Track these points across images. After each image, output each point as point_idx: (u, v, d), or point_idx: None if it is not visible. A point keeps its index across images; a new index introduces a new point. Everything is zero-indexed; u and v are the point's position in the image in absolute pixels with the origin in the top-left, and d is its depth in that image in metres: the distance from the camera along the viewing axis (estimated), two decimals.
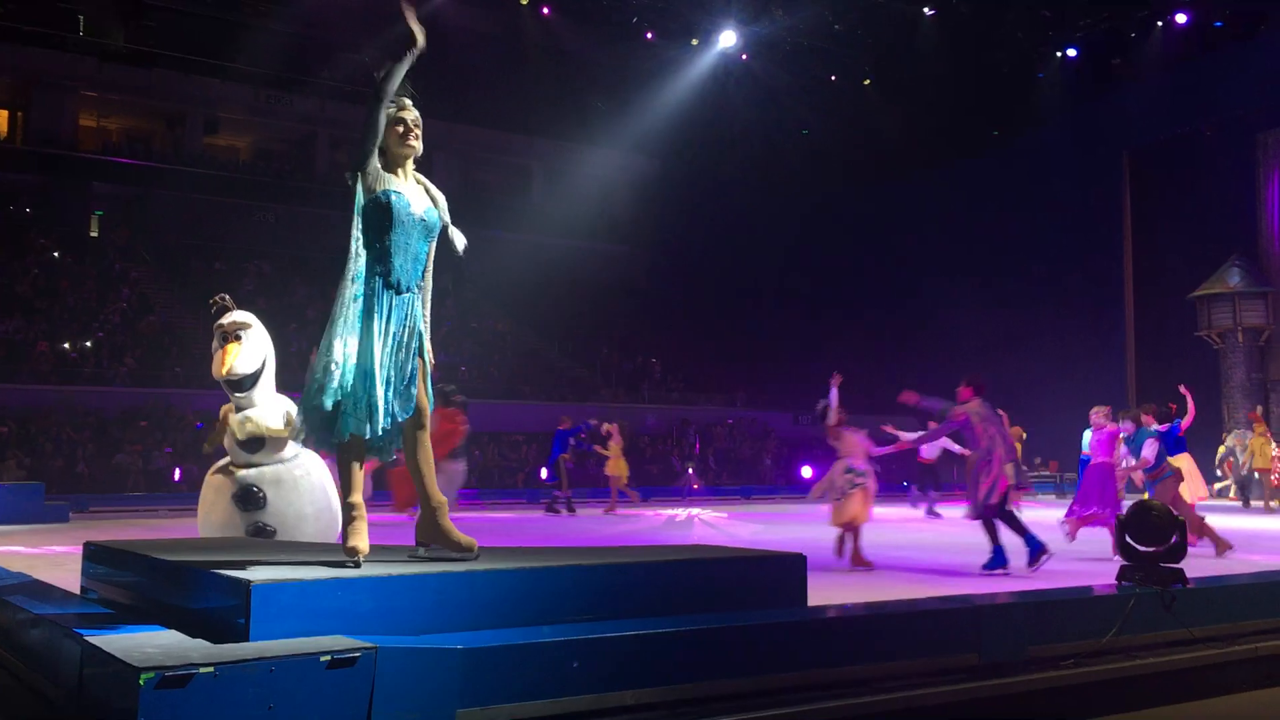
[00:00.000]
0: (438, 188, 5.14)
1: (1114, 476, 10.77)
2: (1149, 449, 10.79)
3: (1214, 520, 11.54)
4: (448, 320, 30.69)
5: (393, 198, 4.86)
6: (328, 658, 3.75)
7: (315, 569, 4.48)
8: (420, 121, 5.04)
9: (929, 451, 16.92)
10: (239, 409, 7.22)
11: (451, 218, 5.13)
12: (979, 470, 9.24)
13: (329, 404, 4.67)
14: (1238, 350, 25.10)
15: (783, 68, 30.61)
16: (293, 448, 7.33)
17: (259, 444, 7.18)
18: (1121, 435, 10.96)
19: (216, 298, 7.34)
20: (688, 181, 36.25)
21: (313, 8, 30.78)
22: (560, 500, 18.47)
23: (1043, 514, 14.33)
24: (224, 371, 7.02)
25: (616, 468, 18.44)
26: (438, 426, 10.55)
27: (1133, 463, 10.96)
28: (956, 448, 17.47)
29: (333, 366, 4.68)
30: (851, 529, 9.67)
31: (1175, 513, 6.56)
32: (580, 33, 30.42)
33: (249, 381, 7.13)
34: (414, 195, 4.97)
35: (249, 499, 7.09)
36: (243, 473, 7.22)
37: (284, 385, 7.50)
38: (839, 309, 33.60)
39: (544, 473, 25.64)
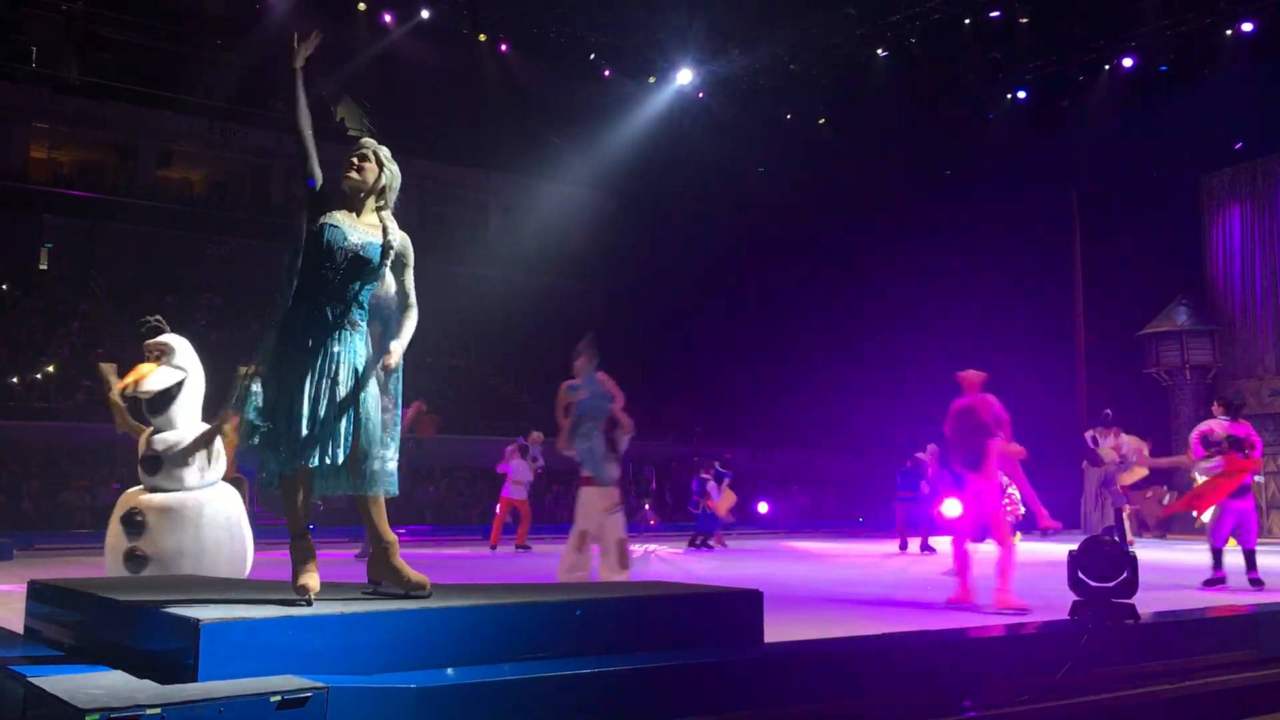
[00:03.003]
0: (397, 223, 5.06)
1: None
2: None
3: None
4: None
5: (327, 230, 4.80)
6: (278, 698, 3.69)
7: (266, 607, 4.42)
8: (361, 154, 4.97)
9: None
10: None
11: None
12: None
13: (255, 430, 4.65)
14: (1185, 387, 25.47)
15: (739, 106, 30.89)
16: (203, 475, 7.16)
17: (156, 464, 6.99)
18: None
19: (150, 317, 7.20)
20: (644, 217, 36.38)
21: (267, 41, 30.64)
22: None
23: None
24: (128, 383, 6.87)
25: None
26: None
27: None
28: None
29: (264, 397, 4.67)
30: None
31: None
32: (537, 69, 30.54)
33: (159, 403, 6.99)
34: (354, 227, 4.85)
35: (129, 523, 6.94)
36: (130, 494, 7.13)
37: None
38: (794, 343, 33.76)
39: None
